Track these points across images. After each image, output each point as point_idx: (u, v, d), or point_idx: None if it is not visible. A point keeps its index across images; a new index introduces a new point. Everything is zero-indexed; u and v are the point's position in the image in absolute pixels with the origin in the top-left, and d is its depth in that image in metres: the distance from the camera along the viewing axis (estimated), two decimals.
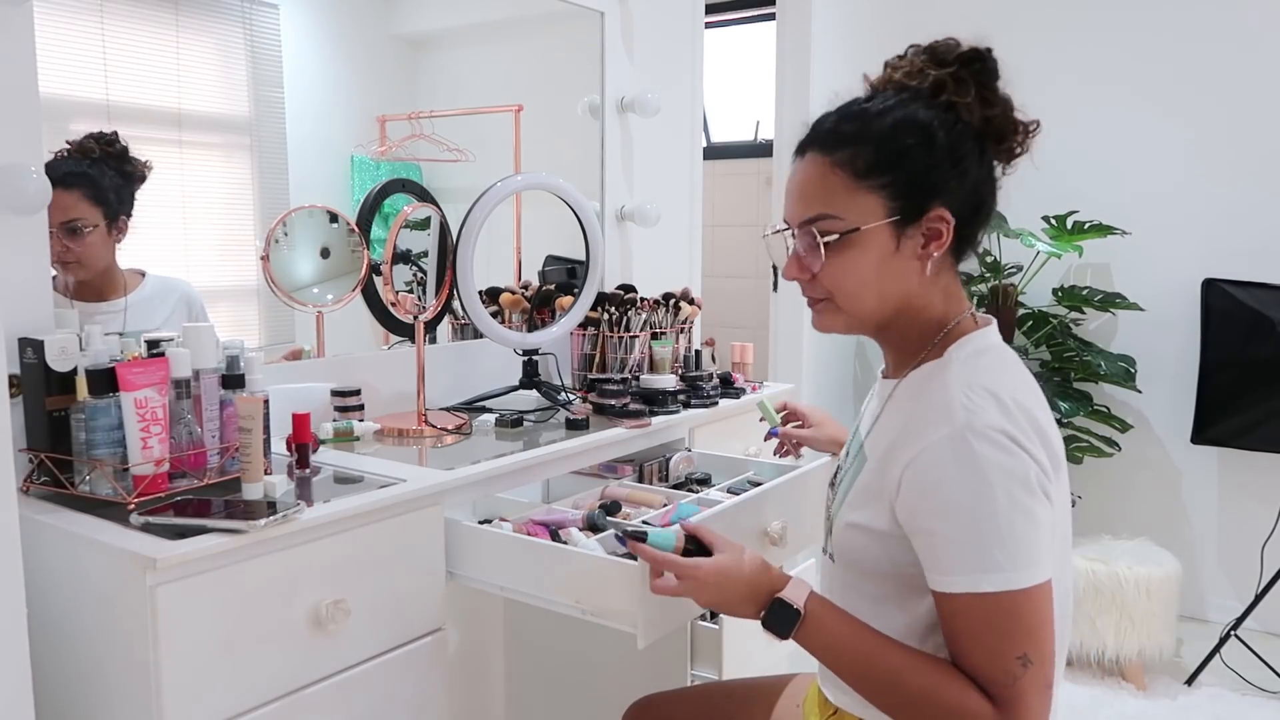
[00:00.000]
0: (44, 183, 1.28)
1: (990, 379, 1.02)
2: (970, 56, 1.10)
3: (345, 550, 1.25)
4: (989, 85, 1.10)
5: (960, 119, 1.07)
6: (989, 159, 1.10)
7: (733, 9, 4.16)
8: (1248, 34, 3.10)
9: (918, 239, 1.07)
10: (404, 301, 1.78)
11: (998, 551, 0.96)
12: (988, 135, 1.09)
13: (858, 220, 1.06)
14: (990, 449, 0.97)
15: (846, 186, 1.06)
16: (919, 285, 1.09)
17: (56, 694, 1.19)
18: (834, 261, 1.07)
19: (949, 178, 1.06)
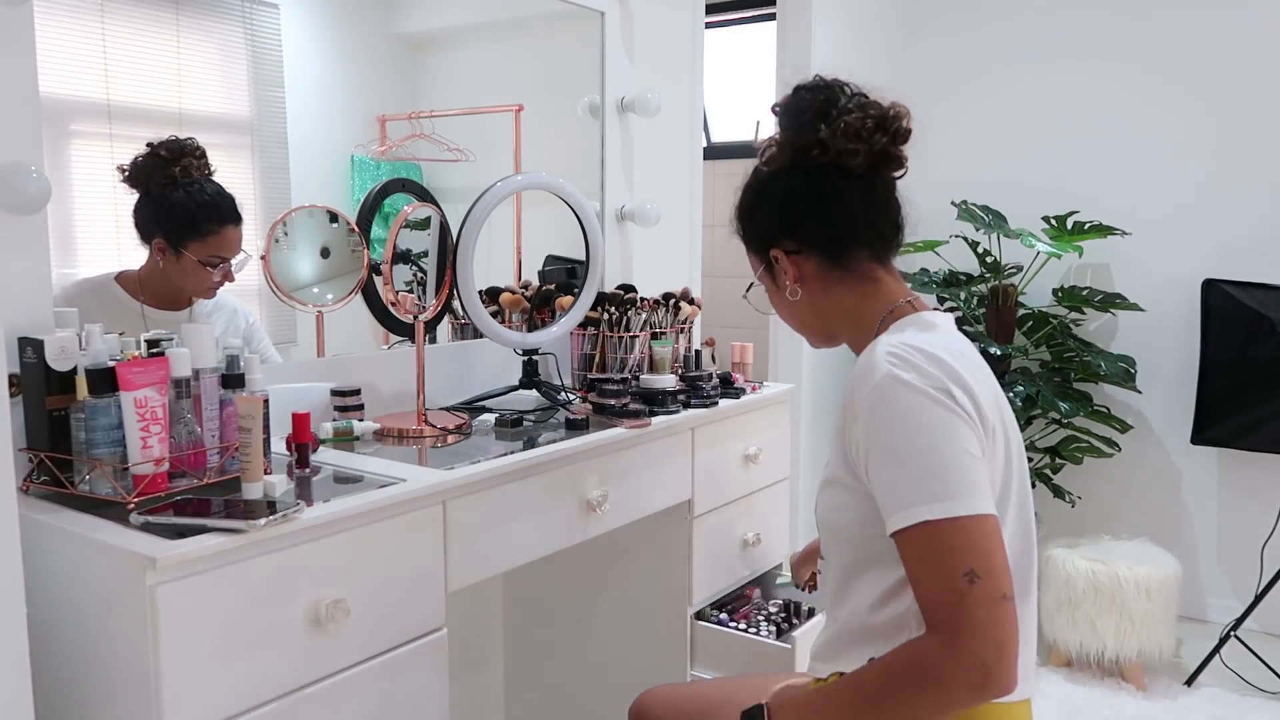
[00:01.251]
0: (44, 183, 1.28)
1: (911, 338, 1.13)
2: (776, 109, 1.27)
3: (345, 550, 1.25)
4: (794, 125, 1.24)
5: (769, 166, 1.26)
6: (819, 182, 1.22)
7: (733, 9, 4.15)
8: (1248, 34, 3.11)
9: (781, 273, 1.27)
10: (404, 301, 1.78)
11: (934, 484, 1.03)
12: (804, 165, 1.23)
13: (754, 274, 1.33)
14: (910, 393, 1.06)
15: (749, 253, 1.32)
16: (820, 302, 1.26)
17: (56, 694, 1.19)
18: (767, 306, 1.34)
19: (769, 220, 1.26)
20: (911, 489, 1.04)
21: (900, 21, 3.66)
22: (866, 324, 1.23)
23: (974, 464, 1.05)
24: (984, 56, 3.56)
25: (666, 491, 1.87)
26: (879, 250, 1.24)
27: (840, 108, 1.22)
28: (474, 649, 2.20)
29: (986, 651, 0.99)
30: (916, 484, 1.04)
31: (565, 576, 2.13)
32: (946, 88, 3.62)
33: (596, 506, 1.67)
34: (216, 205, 1.60)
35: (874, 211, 1.23)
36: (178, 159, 1.54)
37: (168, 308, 1.59)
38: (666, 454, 1.86)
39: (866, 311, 1.24)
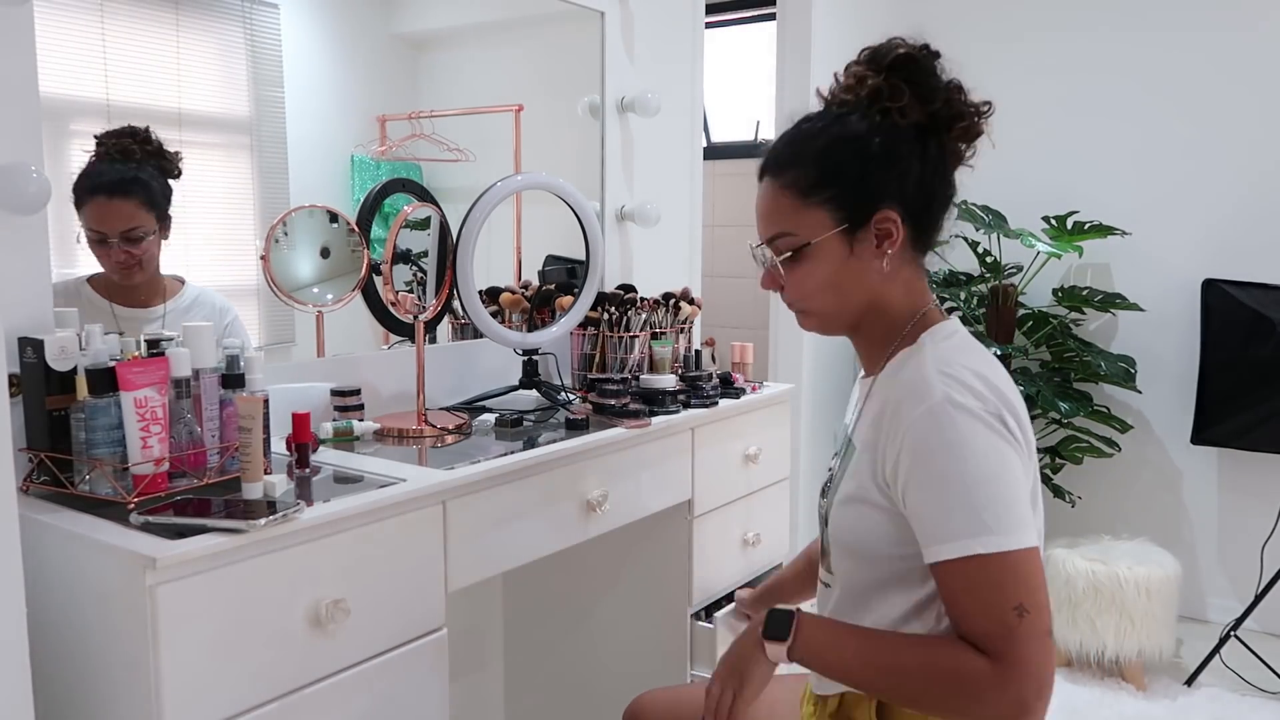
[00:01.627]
0: (44, 183, 1.28)
1: (962, 358, 1.09)
2: (901, 60, 1.14)
3: (345, 550, 1.25)
4: (925, 83, 1.14)
5: (896, 123, 1.13)
6: (936, 152, 1.15)
7: (733, 9, 4.15)
8: (1248, 34, 3.11)
9: (870, 241, 1.14)
10: (404, 301, 1.78)
11: (987, 516, 1.01)
12: (932, 129, 1.15)
13: (809, 235, 1.14)
14: (969, 419, 1.03)
15: (795, 206, 1.14)
16: (880, 283, 1.15)
17: (56, 694, 1.19)
18: (795, 273, 1.16)
19: (889, 180, 1.13)
20: (962, 520, 1.02)
21: (900, 21, 3.64)
22: (898, 321, 1.17)
23: (1022, 494, 1.04)
24: (984, 56, 3.55)
25: (666, 491, 1.87)
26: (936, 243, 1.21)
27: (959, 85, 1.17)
28: (474, 649, 2.20)
29: (1028, 689, 1.01)
30: (967, 515, 1.01)
31: (565, 576, 2.13)
32: None
33: (596, 506, 1.67)
34: (97, 174, 1.49)
35: (951, 194, 1.20)
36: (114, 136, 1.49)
37: (137, 305, 1.56)
38: (666, 454, 1.85)
39: (904, 307, 1.18)
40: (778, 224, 1.16)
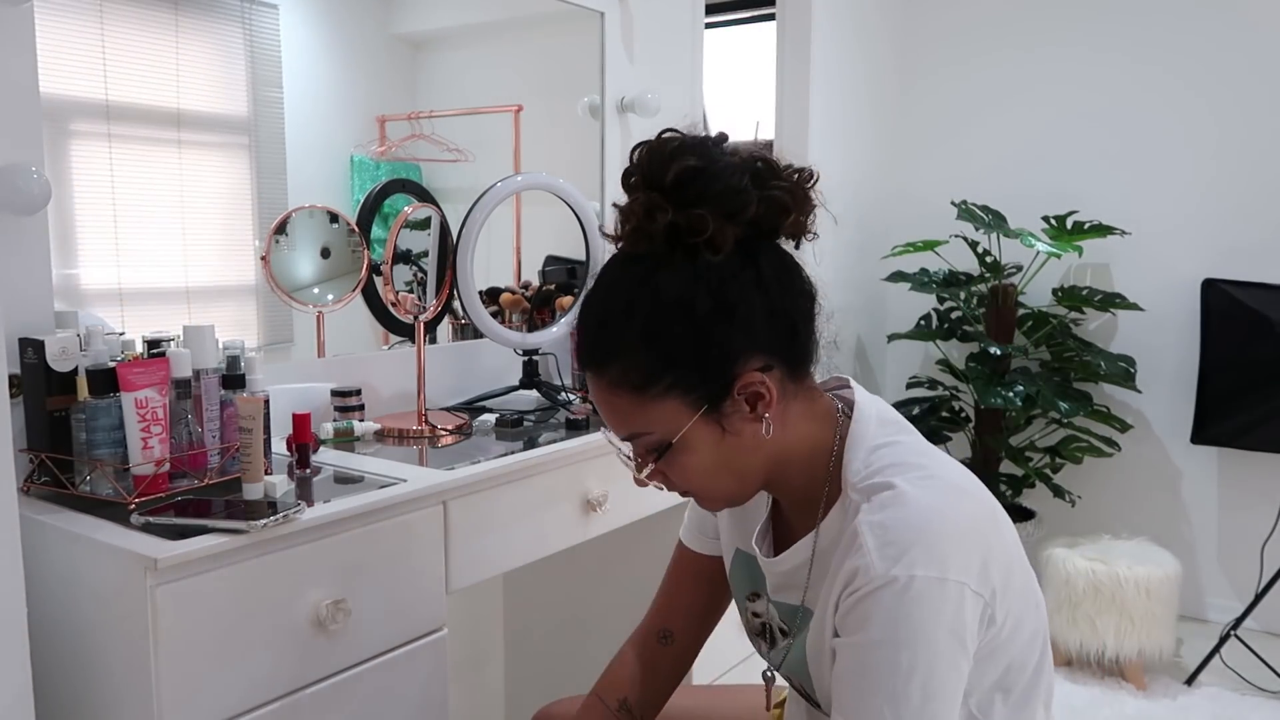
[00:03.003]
0: (44, 183, 1.28)
1: (899, 518, 0.90)
2: (686, 178, 0.91)
3: (345, 550, 1.25)
4: (725, 193, 0.91)
5: (710, 260, 0.91)
6: (772, 266, 0.94)
7: (733, 9, 4.15)
8: (1248, 34, 3.11)
9: (741, 410, 0.94)
10: (404, 301, 1.78)
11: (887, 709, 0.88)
12: (760, 239, 0.94)
13: (666, 432, 0.94)
14: (906, 602, 0.87)
15: (635, 403, 0.94)
16: (774, 441, 0.96)
17: (56, 694, 1.19)
18: (670, 469, 0.98)
19: (734, 336, 0.92)
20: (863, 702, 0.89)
21: (900, 21, 3.66)
22: (814, 466, 1.00)
23: (954, 689, 0.90)
24: (984, 56, 3.56)
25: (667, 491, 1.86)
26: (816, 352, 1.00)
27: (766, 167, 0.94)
28: (474, 649, 2.20)
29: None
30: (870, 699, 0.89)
31: (565, 576, 2.13)
32: (946, 87, 3.61)
33: (597, 506, 1.67)
34: None
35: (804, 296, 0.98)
36: None
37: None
38: None
39: (812, 448, 1.00)
40: (626, 426, 0.97)
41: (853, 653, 0.91)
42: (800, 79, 3.17)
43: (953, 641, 0.88)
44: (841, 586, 0.93)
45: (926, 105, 3.66)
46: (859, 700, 0.90)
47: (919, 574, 0.87)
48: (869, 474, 0.95)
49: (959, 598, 0.88)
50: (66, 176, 1.46)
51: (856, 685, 0.90)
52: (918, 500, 0.91)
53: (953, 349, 3.53)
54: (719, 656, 1.98)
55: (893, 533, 0.89)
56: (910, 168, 3.70)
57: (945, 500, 0.93)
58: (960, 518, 0.93)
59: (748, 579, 1.14)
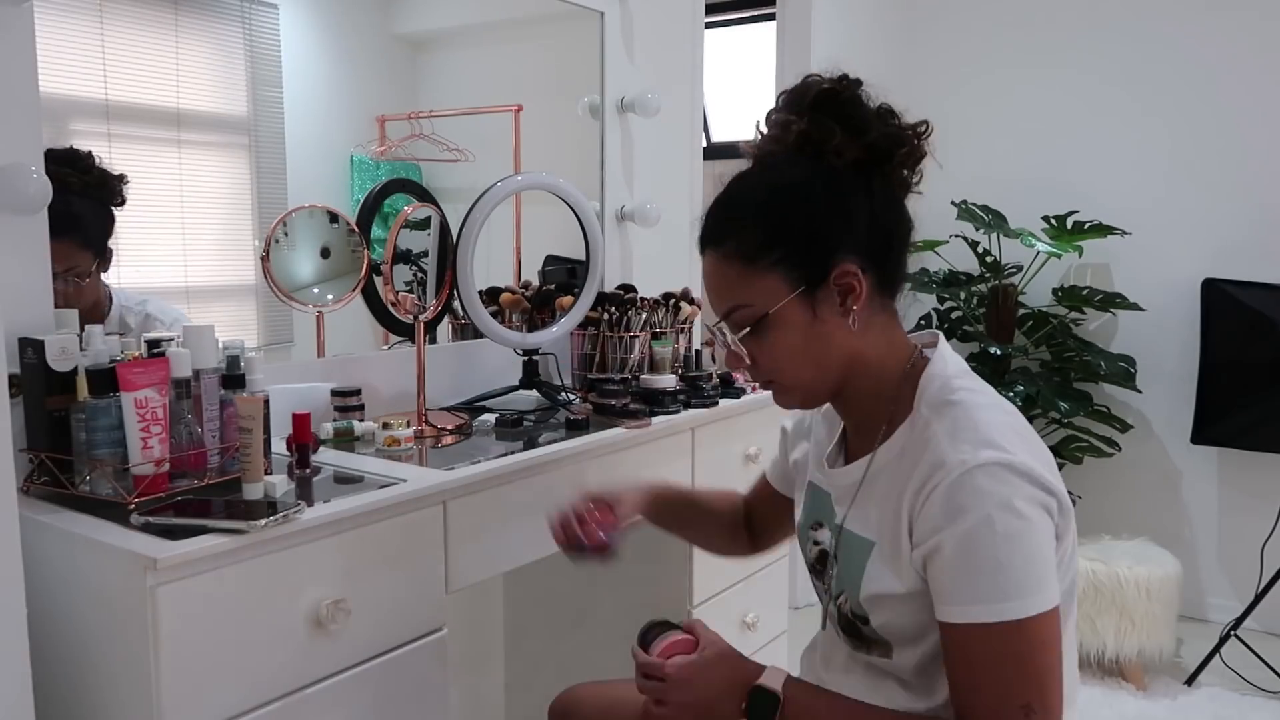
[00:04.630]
0: (44, 183, 1.28)
1: (972, 421, 1.00)
2: (824, 97, 1.05)
3: (345, 550, 1.25)
4: (854, 116, 1.05)
5: (832, 164, 1.04)
6: (882, 186, 1.06)
7: (733, 9, 4.15)
8: (1248, 34, 3.11)
9: (833, 299, 1.04)
10: (404, 301, 1.78)
11: (1000, 579, 0.93)
12: (872, 162, 1.06)
13: (764, 304, 1.04)
14: (989, 481, 0.95)
15: (742, 275, 1.05)
16: (855, 340, 1.05)
17: (56, 694, 1.19)
18: (759, 347, 1.06)
19: (838, 229, 1.03)
20: (975, 583, 0.94)
21: (900, 21, 3.66)
22: (886, 381, 1.08)
23: (1045, 558, 0.95)
24: (984, 56, 3.56)
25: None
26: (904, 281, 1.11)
27: (889, 109, 1.08)
28: (474, 649, 2.20)
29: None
30: (981, 577, 0.94)
31: (565, 576, 2.13)
32: (946, 87, 3.61)
33: None
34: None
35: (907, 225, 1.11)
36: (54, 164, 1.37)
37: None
38: (667, 454, 1.85)
39: (888, 362, 1.08)
40: (730, 297, 1.06)
41: (954, 543, 0.95)
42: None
43: (1038, 511, 0.95)
44: (917, 488, 0.99)
45: (926, 105, 3.63)
46: (968, 581, 0.95)
47: (995, 457, 0.95)
48: (944, 396, 1.04)
49: (1034, 480, 0.96)
50: None
51: (963, 569, 0.95)
52: (988, 413, 1.01)
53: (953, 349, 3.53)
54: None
55: (964, 432, 0.98)
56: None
57: (1012, 421, 1.02)
58: (1030, 436, 1.02)
59: (815, 509, 1.21)
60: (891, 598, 1.04)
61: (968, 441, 0.97)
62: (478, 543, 1.46)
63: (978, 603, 0.94)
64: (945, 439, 0.99)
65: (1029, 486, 0.95)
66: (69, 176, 1.39)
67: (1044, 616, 0.94)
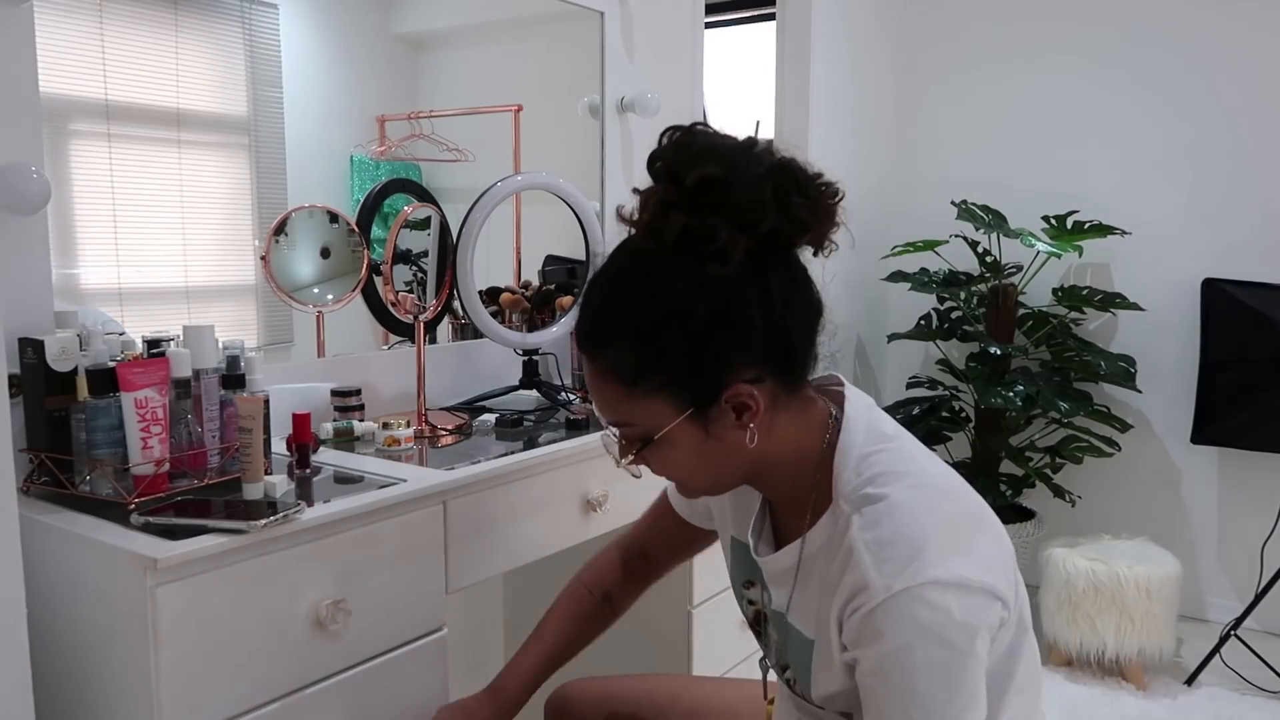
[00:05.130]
0: (44, 183, 1.28)
1: (894, 530, 0.91)
2: (704, 186, 0.89)
3: (345, 550, 1.25)
4: (743, 204, 0.90)
5: (716, 271, 0.90)
6: (780, 280, 0.93)
7: (733, 9, 4.15)
8: (1247, 34, 3.11)
9: (728, 416, 0.94)
10: (404, 301, 1.78)
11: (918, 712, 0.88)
12: (770, 250, 0.92)
13: (651, 426, 0.95)
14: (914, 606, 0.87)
15: (624, 396, 0.95)
16: (758, 447, 0.96)
17: (56, 694, 1.19)
18: (652, 461, 0.99)
19: (726, 345, 0.91)
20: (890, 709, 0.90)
21: (900, 21, 3.66)
22: (806, 462, 0.99)
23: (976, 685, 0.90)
24: (984, 55, 3.56)
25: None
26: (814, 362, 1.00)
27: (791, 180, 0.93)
28: (474, 649, 2.20)
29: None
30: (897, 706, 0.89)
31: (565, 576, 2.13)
32: (946, 87, 3.62)
33: (597, 506, 1.67)
34: None
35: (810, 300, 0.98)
36: None
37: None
38: None
39: (805, 444, 0.99)
40: (613, 414, 0.98)
41: (870, 664, 0.91)
42: (800, 79, 3.17)
43: (966, 635, 0.88)
44: (843, 602, 0.93)
45: (926, 105, 3.66)
46: (882, 705, 0.90)
47: (920, 581, 0.88)
48: (859, 484, 0.95)
49: (970, 591, 0.89)
50: (66, 176, 1.46)
51: (880, 692, 0.91)
52: (910, 509, 0.92)
53: (953, 349, 3.53)
54: (722, 653, 1.98)
55: (889, 548, 0.90)
56: (910, 168, 3.70)
57: (937, 506, 0.94)
58: (953, 522, 0.93)
59: (744, 567, 1.15)
60: (841, 693, 0.99)
61: (892, 560, 0.89)
62: (478, 543, 1.46)
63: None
64: (866, 555, 0.90)
65: (965, 602, 0.88)
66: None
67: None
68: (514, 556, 1.55)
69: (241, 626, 1.14)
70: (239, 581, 1.13)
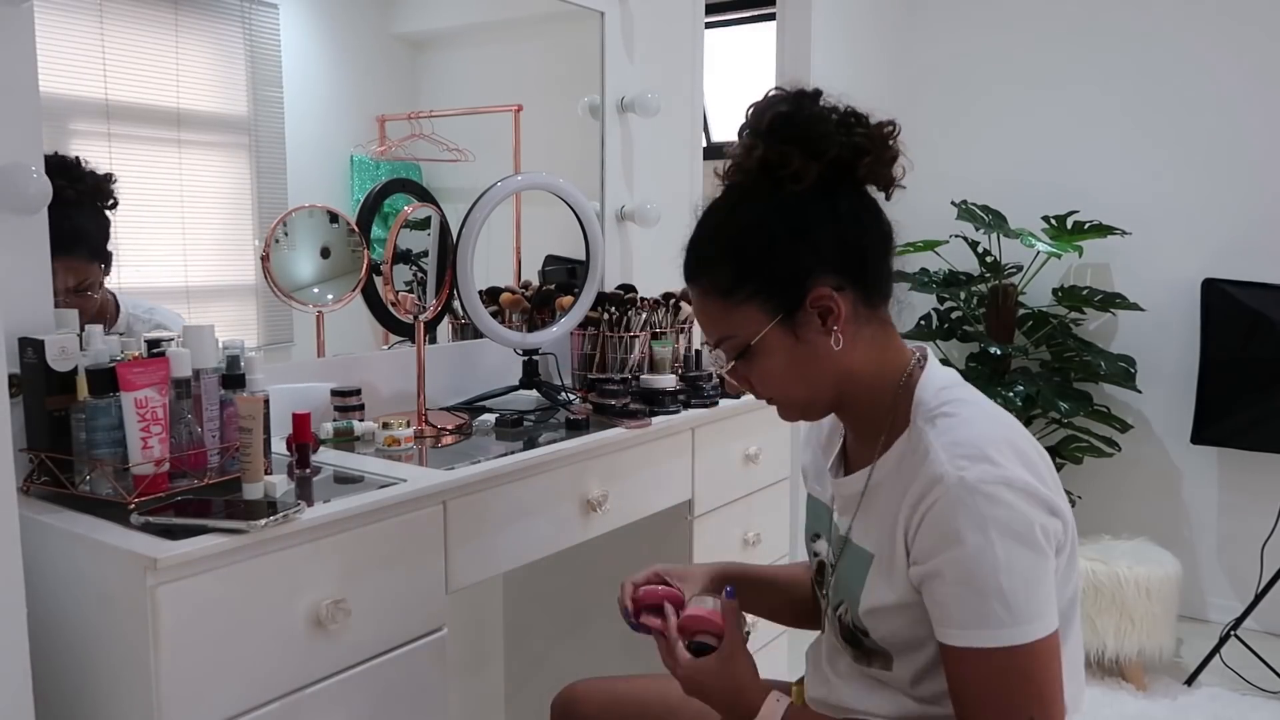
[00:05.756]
0: (44, 183, 1.28)
1: (968, 435, 1.00)
2: (778, 122, 1.05)
3: (345, 550, 1.25)
4: (810, 136, 1.03)
5: (793, 190, 1.03)
6: (849, 202, 1.06)
7: (733, 9, 4.15)
8: (1247, 34, 3.11)
9: (814, 322, 1.04)
10: (404, 301, 1.78)
11: (999, 606, 0.94)
12: (838, 179, 1.05)
13: (747, 335, 1.06)
14: (987, 504, 0.95)
15: (723, 308, 1.08)
16: (843, 357, 1.06)
17: (56, 694, 1.19)
18: (750, 372, 1.09)
19: (806, 255, 1.04)
20: (975, 608, 0.95)
21: (900, 21, 3.66)
22: (880, 393, 1.08)
23: (1042, 583, 0.96)
24: (984, 55, 3.56)
25: (666, 491, 1.87)
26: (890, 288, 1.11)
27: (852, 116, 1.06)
28: (474, 649, 2.20)
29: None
30: (980, 604, 0.95)
31: (565, 576, 2.13)
32: (947, 86, 3.62)
33: (597, 506, 1.67)
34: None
35: (886, 232, 1.10)
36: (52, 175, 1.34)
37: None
38: (666, 454, 1.85)
39: (881, 375, 1.08)
40: (716, 329, 1.10)
41: (953, 570, 0.96)
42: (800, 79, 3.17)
43: (1038, 532, 0.96)
44: (914, 502, 1.00)
45: (926, 105, 3.65)
46: (968, 607, 0.96)
47: (993, 479, 0.95)
48: (937, 405, 1.04)
49: (1033, 497, 0.96)
50: None
51: (963, 594, 0.96)
52: (983, 425, 1.02)
53: (953, 349, 3.53)
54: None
55: (962, 448, 0.98)
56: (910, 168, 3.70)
57: (1008, 430, 1.03)
58: (1020, 445, 1.01)
59: (815, 520, 1.23)
60: (889, 609, 1.05)
61: (964, 456, 0.97)
62: (478, 543, 1.46)
63: (978, 628, 0.95)
64: (941, 453, 0.99)
65: (1028, 506, 0.96)
66: (64, 188, 1.35)
67: (1044, 640, 0.96)
68: (514, 556, 1.55)
69: (241, 626, 1.14)
70: (239, 581, 1.13)
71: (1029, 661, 0.95)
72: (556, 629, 2.18)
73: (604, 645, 2.09)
